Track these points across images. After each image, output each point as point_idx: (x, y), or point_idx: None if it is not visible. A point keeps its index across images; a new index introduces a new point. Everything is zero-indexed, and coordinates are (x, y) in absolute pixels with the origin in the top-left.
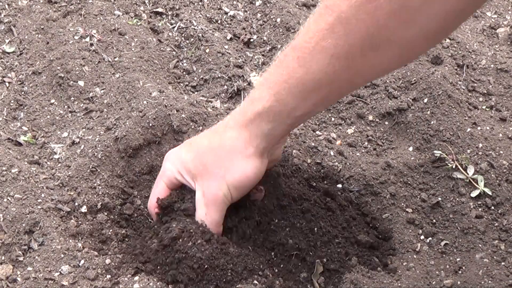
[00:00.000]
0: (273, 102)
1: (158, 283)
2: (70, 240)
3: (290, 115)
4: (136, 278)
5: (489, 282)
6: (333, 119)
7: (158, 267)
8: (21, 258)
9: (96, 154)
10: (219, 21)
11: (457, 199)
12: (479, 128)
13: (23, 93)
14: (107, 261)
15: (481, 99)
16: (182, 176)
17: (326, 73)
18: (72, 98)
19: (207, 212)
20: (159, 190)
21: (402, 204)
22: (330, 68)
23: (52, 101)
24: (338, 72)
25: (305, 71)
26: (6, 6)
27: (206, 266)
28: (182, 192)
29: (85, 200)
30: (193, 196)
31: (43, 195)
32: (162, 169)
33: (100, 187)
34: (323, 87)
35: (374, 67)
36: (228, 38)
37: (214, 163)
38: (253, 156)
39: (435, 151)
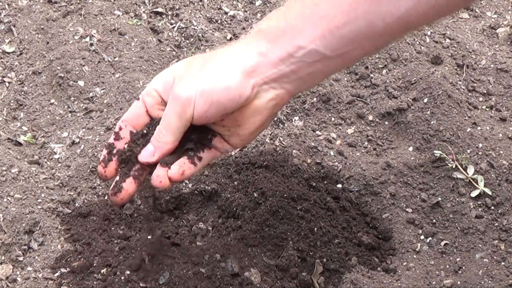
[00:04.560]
0: (280, 20)
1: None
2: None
3: (293, 41)
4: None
5: (489, 282)
6: (333, 119)
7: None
8: (21, 258)
9: (96, 154)
10: (219, 21)
11: (457, 199)
12: (479, 128)
13: (23, 93)
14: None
15: (481, 99)
16: (162, 84)
17: (349, 3)
18: (72, 98)
19: (166, 112)
20: (130, 109)
21: (402, 204)
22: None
23: (52, 101)
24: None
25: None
26: (6, 6)
27: None
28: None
29: (85, 200)
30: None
31: (43, 195)
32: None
33: (100, 187)
34: (338, 13)
35: (398, 7)
36: (228, 38)
37: (195, 66)
38: (237, 70)
39: (435, 151)
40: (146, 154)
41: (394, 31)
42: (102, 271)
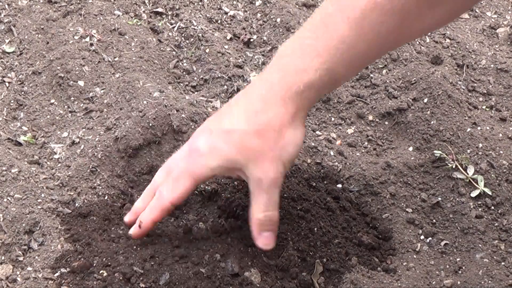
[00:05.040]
0: (323, 72)
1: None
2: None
3: (336, 84)
4: None
5: (489, 282)
6: (333, 119)
7: None
8: (21, 258)
9: (96, 154)
10: (219, 21)
11: (457, 199)
12: (479, 128)
13: (23, 93)
14: None
15: (481, 99)
16: (225, 168)
17: (378, 32)
18: (72, 98)
19: (268, 197)
20: (181, 189)
21: (402, 204)
22: (383, 28)
23: (52, 101)
24: (390, 31)
25: (357, 33)
26: (6, 6)
27: None
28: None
29: (85, 200)
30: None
31: (43, 195)
32: (186, 166)
33: (100, 187)
34: (374, 49)
35: (424, 25)
36: (228, 38)
37: (265, 145)
38: (300, 125)
39: (435, 151)
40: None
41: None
42: (101, 271)
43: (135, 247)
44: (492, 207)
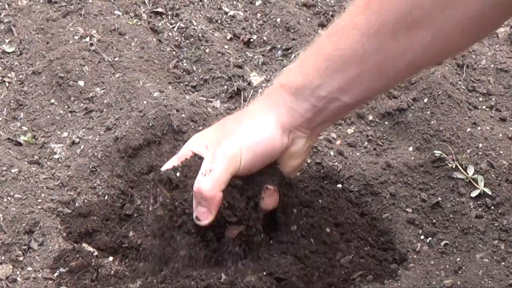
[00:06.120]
0: (298, 76)
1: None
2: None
3: (314, 93)
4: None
5: (489, 282)
6: None
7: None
8: (21, 258)
9: (96, 154)
10: (219, 21)
11: (457, 199)
12: (479, 128)
13: (23, 93)
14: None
15: (481, 99)
16: (198, 145)
17: (354, 50)
18: (72, 98)
19: (212, 166)
20: (169, 163)
21: (402, 204)
22: (359, 46)
23: (52, 101)
24: (367, 52)
25: (334, 47)
26: (6, 6)
27: None
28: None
29: (85, 200)
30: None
31: (43, 195)
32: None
33: (100, 187)
34: (351, 66)
35: (405, 54)
36: (228, 38)
37: (232, 127)
38: (273, 123)
39: (435, 151)
40: (203, 217)
41: (405, 75)
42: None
43: (135, 246)
44: (492, 207)
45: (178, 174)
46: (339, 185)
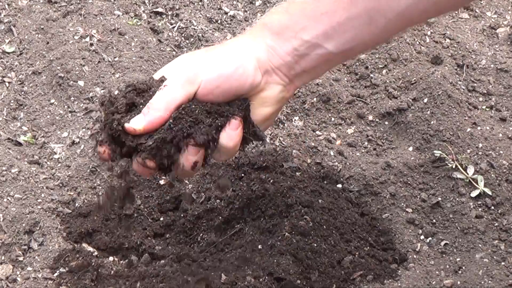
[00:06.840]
0: (283, 15)
1: None
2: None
3: (297, 35)
4: None
5: (489, 282)
6: (333, 119)
7: None
8: (21, 258)
9: (96, 154)
10: (219, 21)
11: (457, 199)
12: (479, 128)
13: (23, 93)
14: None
15: (481, 99)
16: (170, 71)
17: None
18: (72, 98)
19: (166, 84)
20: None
21: (402, 204)
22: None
23: (52, 101)
24: None
25: None
26: (6, 6)
27: None
28: None
29: (85, 200)
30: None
31: (43, 195)
32: None
33: (100, 187)
34: (339, 8)
35: (398, 2)
36: (228, 38)
37: (202, 52)
38: (249, 55)
39: (435, 151)
40: (134, 122)
41: (396, 27)
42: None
43: (135, 246)
44: (492, 207)
45: (116, 92)
46: (339, 185)
